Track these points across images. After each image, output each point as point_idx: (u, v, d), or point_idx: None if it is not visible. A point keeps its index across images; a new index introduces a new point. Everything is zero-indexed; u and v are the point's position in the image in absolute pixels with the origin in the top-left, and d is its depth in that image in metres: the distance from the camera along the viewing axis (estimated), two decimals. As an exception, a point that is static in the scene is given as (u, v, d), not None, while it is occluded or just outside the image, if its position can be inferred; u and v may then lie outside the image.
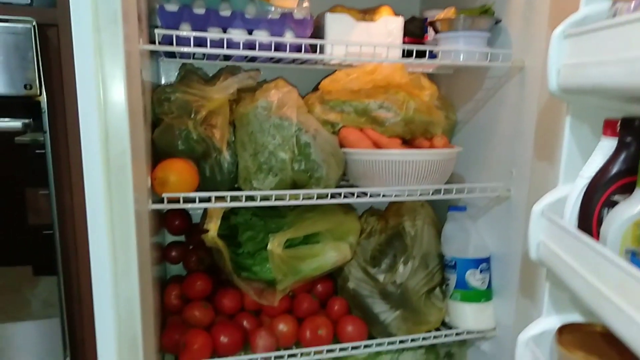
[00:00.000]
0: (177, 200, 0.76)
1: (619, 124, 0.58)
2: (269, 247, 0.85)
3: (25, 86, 0.79)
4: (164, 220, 1.07)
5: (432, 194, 0.88)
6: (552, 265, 0.64)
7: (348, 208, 1.03)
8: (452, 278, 0.96)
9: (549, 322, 0.72)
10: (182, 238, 1.11)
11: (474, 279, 0.94)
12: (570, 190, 0.65)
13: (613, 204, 0.56)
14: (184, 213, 1.08)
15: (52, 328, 0.76)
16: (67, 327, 0.75)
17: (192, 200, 0.77)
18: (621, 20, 0.49)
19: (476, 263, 0.94)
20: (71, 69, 0.56)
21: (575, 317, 0.73)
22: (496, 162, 0.95)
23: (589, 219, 0.58)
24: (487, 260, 0.95)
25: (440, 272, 0.99)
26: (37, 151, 0.84)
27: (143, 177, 0.73)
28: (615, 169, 0.58)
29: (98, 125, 0.61)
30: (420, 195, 0.87)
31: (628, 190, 0.55)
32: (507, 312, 0.93)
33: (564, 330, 0.68)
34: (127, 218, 0.64)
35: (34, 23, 0.79)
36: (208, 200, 0.78)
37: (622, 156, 0.58)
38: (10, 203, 0.83)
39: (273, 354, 0.86)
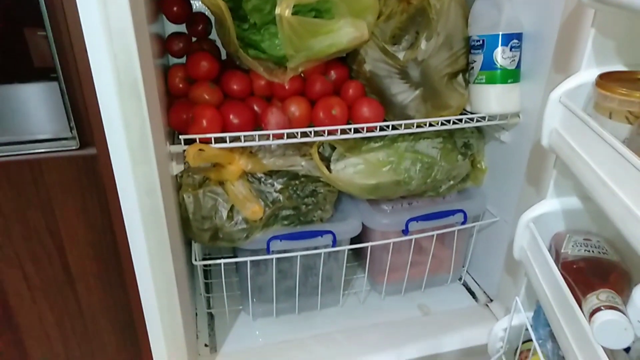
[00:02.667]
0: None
1: None
2: (276, 10, 0.76)
3: None
4: (161, 6, 0.97)
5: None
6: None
7: (366, -17, 0.91)
8: (478, 59, 0.88)
9: (586, 75, 0.65)
10: (183, 30, 1.02)
11: (503, 57, 0.86)
12: None
13: None
14: (183, -2, 0.97)
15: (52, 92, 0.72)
16: (66, 90, 0.71)
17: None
18: None
19: (507, 39, 0.85)
20: None
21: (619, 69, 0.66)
22: None
23: None
24: (519, 36, 0.86)
25: (464, 56, 0.91)
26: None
27: None
28: None
29: None
30: (451, -52, 0.74)
31: None
32: (535, 96, 0.87)
33: (604, 77, 0.62)
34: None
35: None
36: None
37: None
38: (12, 45, 0.73)
39: (285, 131, 0.83)
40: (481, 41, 0.87)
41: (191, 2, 0.99)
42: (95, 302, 0.91)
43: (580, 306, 0.59)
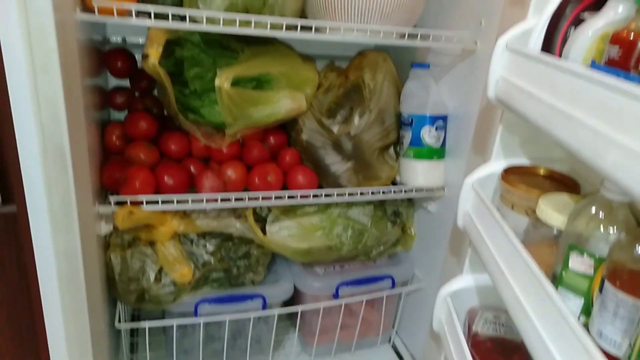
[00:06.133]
0: (110, 12, 0.67)
1: None
2: (216, 82, 0.79)
3: None
4: (104, 60, 0.98)
5: (397, 37, 0.83)
6: (510, 100, 0.61)
7: (306, 57, 0.96)
8: (407, 136, 0.94)
9: (495, 165, 0.72)
10: (127, 84, 1.03)
11: (429, 135, 0.92)
12: (538, 20, 0.61)
13: (581, 22, 0.53)
14: (127, 54, 0.99)
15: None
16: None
17: (128, 14, 0.68)
18: None
19: (432, 120, 0.92)
20: None
21: (523, 162, 0.73)
22: (465, 11, 0.89)
23: (554, 39, 0.54)
24: (443, 118, 0.93)
25: (395, 131, 0.97)
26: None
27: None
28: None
29: None
30: (383, 36, 0.81)
31: (599, 7, 0.52)
32: (458, 172, 0.93)
33: (509, 171, 0.69)
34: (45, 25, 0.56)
35: None
36: (147, 15, 0.69)
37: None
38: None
39: (220, 196, 0.84)
40: (410, 119, 0.93)
41: (136, 58, 1.01)
42: (5, 363, 0.86)
43: (485, 385, 0.62)
